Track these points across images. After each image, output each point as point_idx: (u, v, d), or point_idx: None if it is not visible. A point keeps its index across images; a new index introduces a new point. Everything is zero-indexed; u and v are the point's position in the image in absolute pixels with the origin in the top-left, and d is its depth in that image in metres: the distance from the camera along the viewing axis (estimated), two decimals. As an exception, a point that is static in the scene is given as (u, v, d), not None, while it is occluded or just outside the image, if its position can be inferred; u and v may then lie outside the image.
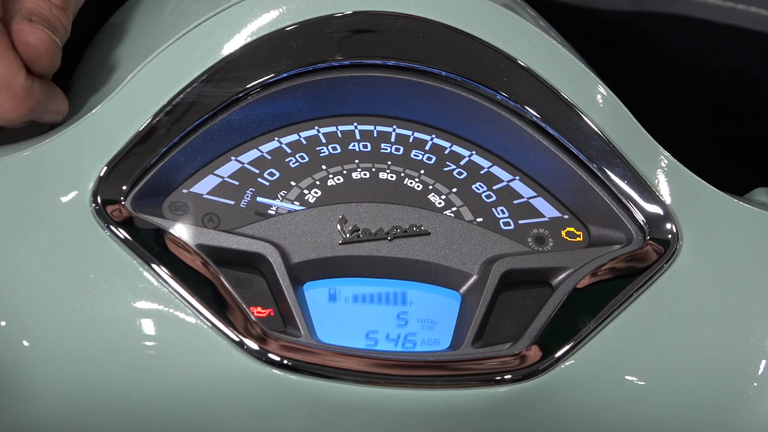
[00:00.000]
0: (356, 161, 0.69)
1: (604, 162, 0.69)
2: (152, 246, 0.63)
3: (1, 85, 0.64)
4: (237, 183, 0.67)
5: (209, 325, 0.62)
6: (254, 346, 0.62)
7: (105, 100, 0.66)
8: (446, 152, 0.70)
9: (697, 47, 0.92)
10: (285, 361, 0.62)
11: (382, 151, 0.69)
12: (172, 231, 0.64)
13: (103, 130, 0.65)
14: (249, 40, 0.67)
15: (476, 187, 0.69)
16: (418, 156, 0.70)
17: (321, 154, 0.68)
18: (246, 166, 0.67)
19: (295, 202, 0.67)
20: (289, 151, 0.68)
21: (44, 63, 0.65)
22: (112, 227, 0.63)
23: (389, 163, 0.69)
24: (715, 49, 0.92)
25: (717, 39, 0.91)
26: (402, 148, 0.70)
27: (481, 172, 0.70)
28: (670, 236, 0.68)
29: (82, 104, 0.69)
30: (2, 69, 0.64)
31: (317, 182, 0.68)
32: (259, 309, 0.64)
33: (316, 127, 0.69)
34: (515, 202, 0.69)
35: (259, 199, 0.67)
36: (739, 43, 0.90)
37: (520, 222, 0.69)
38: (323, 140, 0.69)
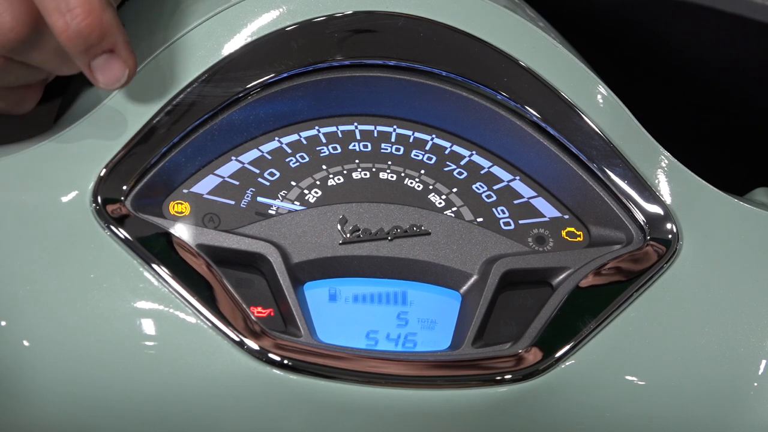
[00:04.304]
0: (356, 161, 0.69)
1: (604, 162, 0.69)
2: (152, 246, 0.63)
3: None
4: (237, 183, 0.67)
5: (209, 325, 0.62)
6: (254, 346, 0.62)
7: (105, 100, 0.66)
8: (446, 152, 0.70)
9: (698, 37, 0.92)
10: (285, 361, 0.62)
11: (382, 151, 0.69)
12: (172, 231, 0.64)
13: (104, 129, 0.65)
14: (249, 40, 0.67)
15: (476, 187, 0.69)
16: (418, 156, 0.70)
17: (321, 154, 0.68)
18: (246, 166, 0.67)
19: (295, 202, 0.67)
20: (289, 151, 0.68)
21: None
22: (113, 227, 0.63)
23: (389, 163, 0.69)
24: (717, 39, 0.91)
25: (718, 28, 0.90)
26: (402, 148, 0.69)
27: (482, 172, 0.70)
28: (670, 236, 0.68)
29: (83, 104, 0.69)
30: None
31: (317, 182, 0.68)
32: (259, 309, 0.64)
33: (317, 127, 0.69)
34: (515, 202, 0.69)
35: (259, 199, 0.67)
36: (740, 34, 0.90)
37: (521, 222, 0.69)
38: (323, 140, 0.69)
